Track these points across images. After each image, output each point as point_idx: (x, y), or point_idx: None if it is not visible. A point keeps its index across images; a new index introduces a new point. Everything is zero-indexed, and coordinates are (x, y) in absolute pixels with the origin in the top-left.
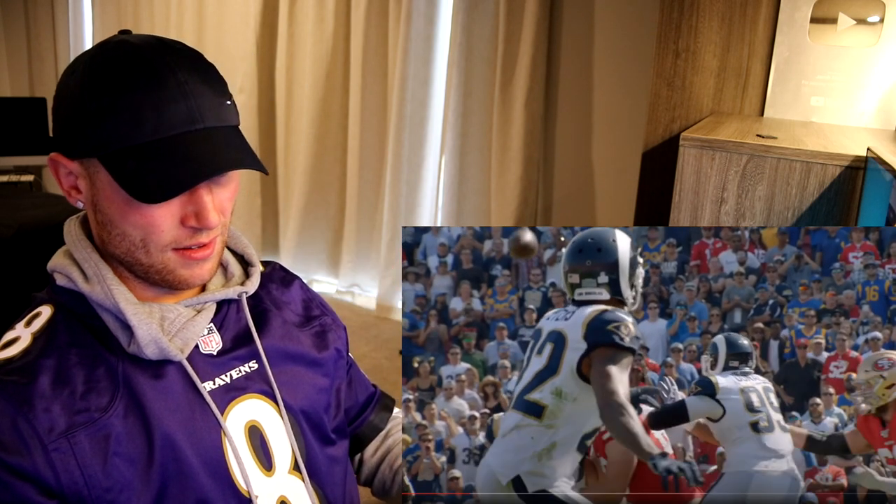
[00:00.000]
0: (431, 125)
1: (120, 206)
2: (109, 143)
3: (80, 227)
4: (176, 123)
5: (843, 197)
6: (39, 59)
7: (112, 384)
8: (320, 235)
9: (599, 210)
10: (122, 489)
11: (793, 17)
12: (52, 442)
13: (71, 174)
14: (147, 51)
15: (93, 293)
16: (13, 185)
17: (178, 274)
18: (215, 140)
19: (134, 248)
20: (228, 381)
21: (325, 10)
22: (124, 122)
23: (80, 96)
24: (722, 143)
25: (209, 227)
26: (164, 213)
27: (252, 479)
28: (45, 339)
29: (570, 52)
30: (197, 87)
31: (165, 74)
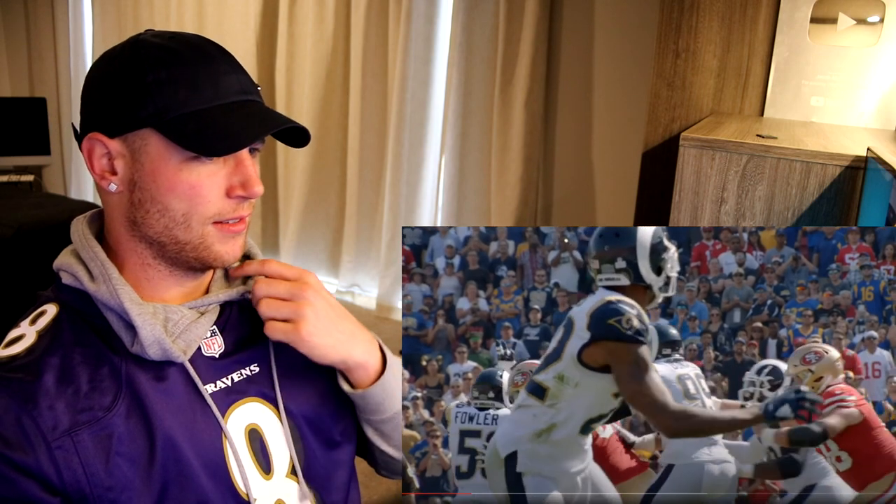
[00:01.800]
0: (431, 125)
1: (169, 178)
2: (168, 110)
3: (88, 227)
4: (231, 93)
5: (843, 197)
6: (39, 59)
7: (115, 384)
8: (320, 235)
9: (599, 210)
10: (124, 489)
11: (793, 17)
12: (55, 440)
13: (106, 155)
14: (190, 36)
15: (98, 292)
16: (13, 185)
17: (213, 249)
18: (265, 109)
19: (174, 224)
20: (230, 384)
21: (325, 10)
22: (183, 90)
23: (132, 72)
24: (722, 143)
25: (255, 195)
26: (212, 183)
27: (251, 481)
28: (49, 337)
29: (570, 52)
30: (239, 67)
31: (214, 53)
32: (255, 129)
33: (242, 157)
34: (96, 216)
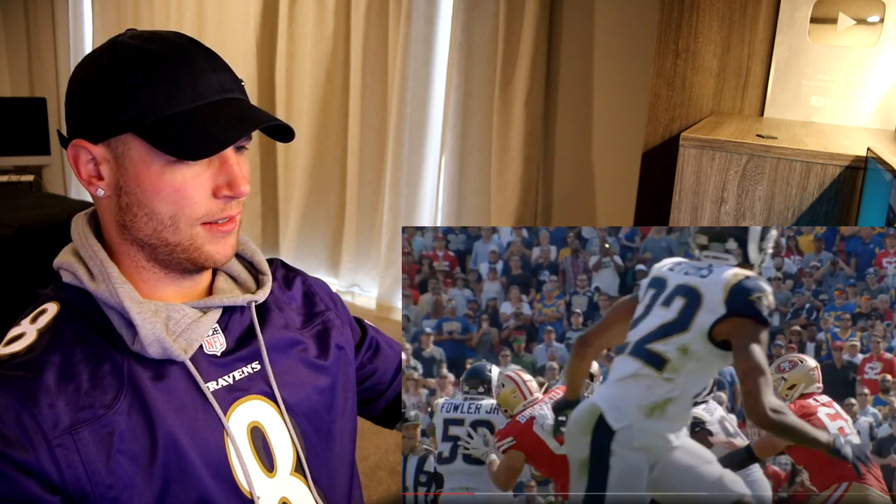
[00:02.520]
0: (431, 125)
1: (153, 182)
2: (147, 114)
3: (88, 225)
4: (210, 92)
5: (843, 197)
6: (39, 59)
7: (117, 381)
8: (320, 235)
9: (599, 210)
10: (125, 486)
11: (793, 17)
12: (55, 438)
13: (92, 161)
14: (168, 35)
15: (98, 291)
16: (13, 185)
17: (204, 250)
18: (246, 106)
19: (162, 227)
20: (231, 382)
21: (325, 10)
22: (161, 93)
23: (110, 76)
24: (722, 143)
25: (241, 194)
26: (197, 185)
27: (254, 479)
28: (50, 335)
29: (570, 52)
30: (220, 64)
31: (192, 52)
32: (235, 130)
33: (227, 156)
34: (96, 214)
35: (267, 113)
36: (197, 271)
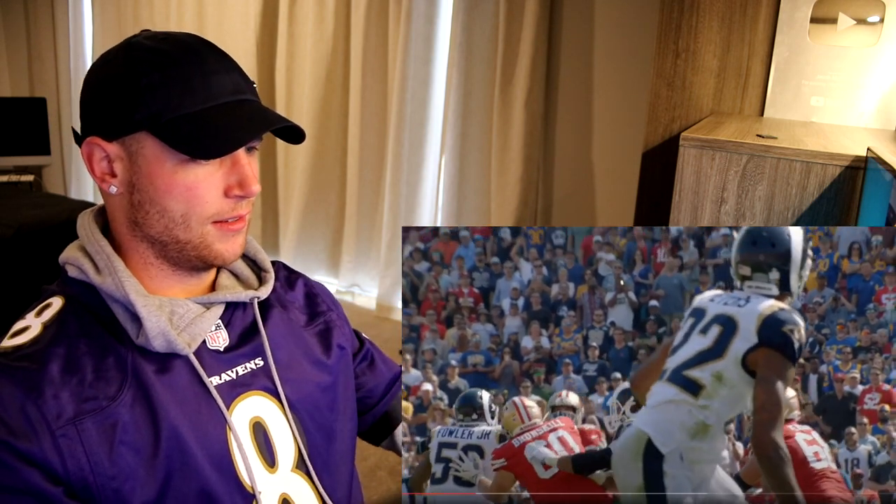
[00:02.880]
0: (431, 125)
1: (165, 180)
2: (162, 113)
3: (94, 221)
4: (223, 93)
5: (843, 197)
6: (39, 59)
7: (121, 373)
8: (320, 235)
9: (599, 210)
10: (127, 478)
11: (793, 17)
12: (59, 428)
13: (106, 158)
14: (182, 36)
15: (104, 285)
16: (13, 185)
17: (214, 248)
18: (258, 107)
19: (173, 224)
20: (234, 377)
21: (325, 10)
22: (176, 93)
23: (127, 76)
24: (722, 143)
25: (252, 194)
26: (208, 184)
27: (256, 474)
28: (55, 328)
29: (570, 52)
30: (233, 65)
31: (205, 53)
32: (247, 130)
33: (239, 156)
34: (102, 211)
35: (278, 115)
36: (205, 269)
